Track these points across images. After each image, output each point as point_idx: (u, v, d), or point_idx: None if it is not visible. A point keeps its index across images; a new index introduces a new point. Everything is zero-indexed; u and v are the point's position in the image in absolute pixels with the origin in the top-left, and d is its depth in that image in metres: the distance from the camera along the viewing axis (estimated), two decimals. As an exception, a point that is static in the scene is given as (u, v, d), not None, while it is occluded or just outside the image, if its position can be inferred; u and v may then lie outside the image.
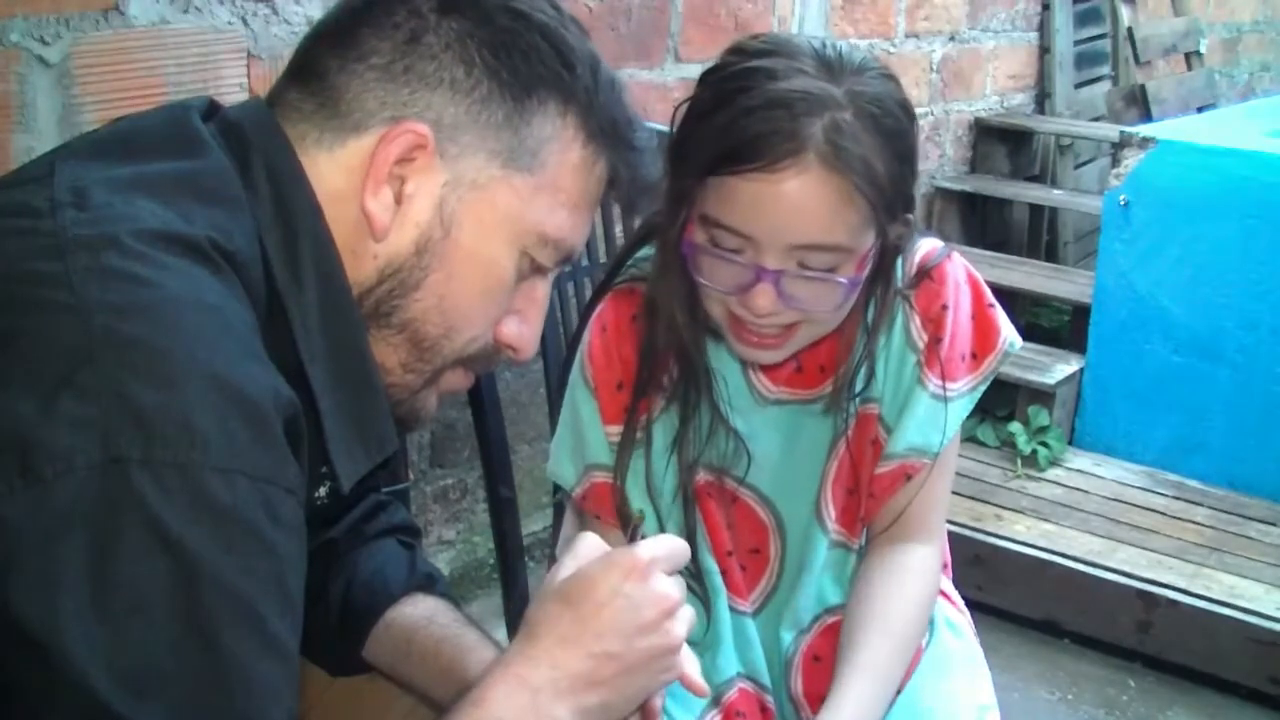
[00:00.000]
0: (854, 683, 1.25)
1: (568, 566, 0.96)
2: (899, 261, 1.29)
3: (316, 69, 0.94)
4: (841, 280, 1.18)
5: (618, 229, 1.87)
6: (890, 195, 1.16)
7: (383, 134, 0.91)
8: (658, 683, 0.95)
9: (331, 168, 0.92)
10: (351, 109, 0.92)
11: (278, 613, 0.76)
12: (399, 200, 0.92)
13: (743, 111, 1.14)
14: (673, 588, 0.94)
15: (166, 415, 0.72)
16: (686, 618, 0.95)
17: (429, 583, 1.23)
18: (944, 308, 1.29)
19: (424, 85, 0.92)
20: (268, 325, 0.86)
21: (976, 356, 1.31)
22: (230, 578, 0.73)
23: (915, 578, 1.32)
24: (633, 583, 0.91)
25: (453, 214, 0.93)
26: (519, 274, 0.98)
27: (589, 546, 0.98)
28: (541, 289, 1.02)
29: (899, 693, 1.30)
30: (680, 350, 1.29)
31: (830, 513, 1.34)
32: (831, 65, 1.15)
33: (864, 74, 1.16)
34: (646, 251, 1.32)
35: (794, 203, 1.13)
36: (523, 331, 1.01)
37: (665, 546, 0.96)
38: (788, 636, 1.37)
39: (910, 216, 1.23)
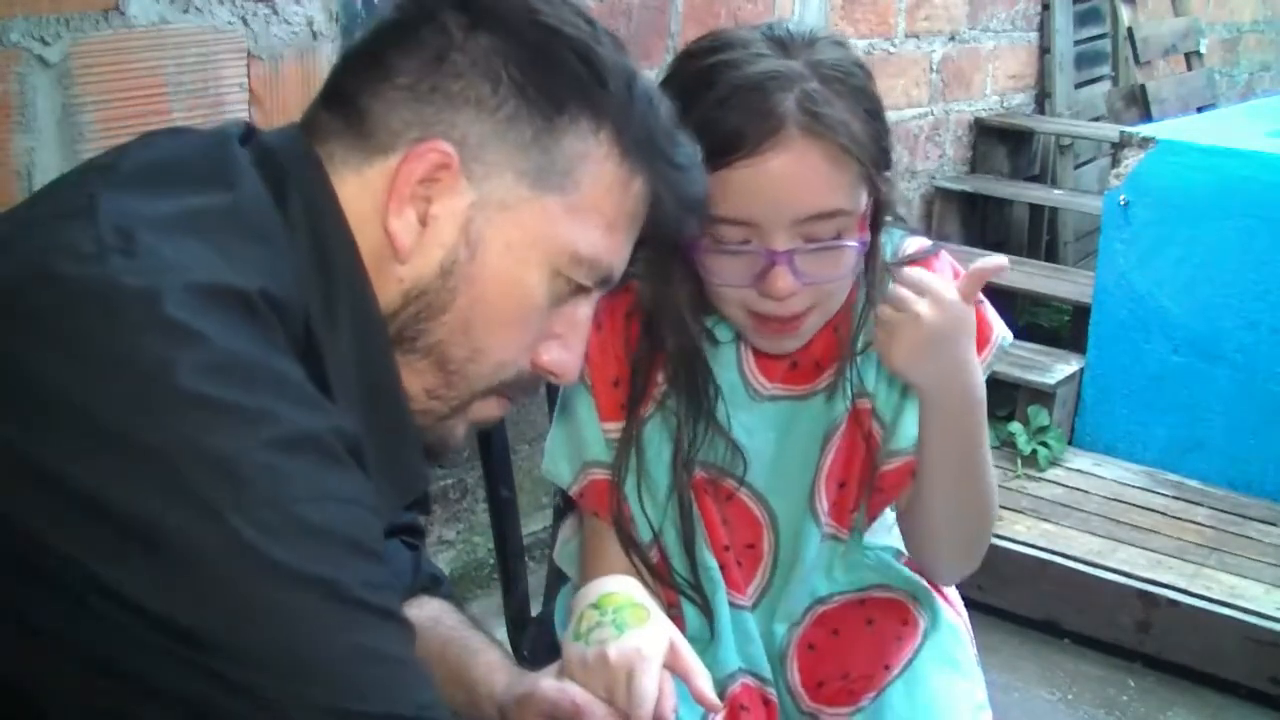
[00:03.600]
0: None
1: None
2: (884, 240, 1.30)
3: (345, 90, 0.93)
4: (851, 243, 1.19)
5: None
6: (874, 150, 1.19)
7: (407, 153, 0.89)
8: None
9: (358, 188, 0.90)
10: (377, 129, 0.90)
11: (395, 612, 0.79)
12: (423, 221, 0.90)
13: (714, 105, 1.15)
14: None
15: (247, 461, 0.73)
16: None
17: (434, 584, 1.22)
18: None
19: (449, 104, 0.90)
20: (306, 369, 0.84)
21: None
22: (355, 590, 0.76)
23: None
24: None
25: (480, 235, 0.91)
26: (554, 297, 0.95)
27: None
28: (583, 311, 0.98)
29: (900, 675, 1.31)
30: (685, 352, 1.29)
31: (823, 506, 1.35)
32: (784, 43, 1.18)
33: (816, 44, 1.19)
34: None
35: (786, 178, 1.15)
36: (564, 357, 0.98)
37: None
38: (780, 629, 1.38)
39: (888, 174, 1.25)
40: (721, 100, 1.15)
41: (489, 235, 0.91)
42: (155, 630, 0.70)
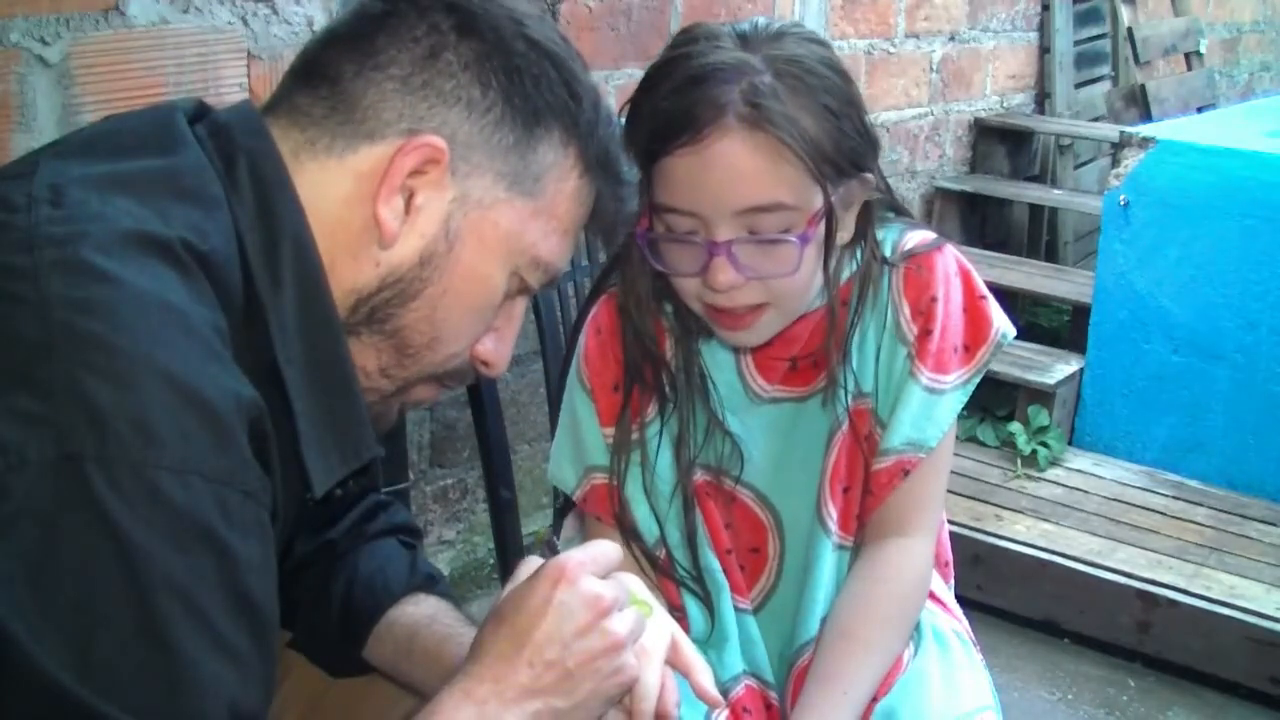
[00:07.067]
0: (814, 695, 1.26)
1: (507, 588, 0.98)
2: (879, 233, 1.29)
3: (329, 72, 0.95)
4: (791, 238, 1.18)
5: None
6: (829, 150, 1.17)
7: (400, 144, 0.92)
8: (611, 685, 0.94)
9: (340, 172, 0.93)
10: (366, 116, 0.93)
11: (227, 613, 0.76)
12: (408, 210, 0.94)
13: (666, 93, 1.17)
14: (605, 588, 0.94)
15: (122, 413, 0.73)
16: (628, 617, 0.95)
17: (430, 583, 1.23)
18: (933, 300, 1.29)
19: (441, 101, 0.94)
20: (244, 327, 0.87)
21: (969, 349, 1.31)
22: (179, 577, 0.74)
23: (893, 579, 1.31)
24: (562, 589, 0.92)
25: (457, 230, 0.95)
26: (507, 294, 1.00)
27: (526, 568, 0.99)
28: (520, 308, 1.04)
29: (876, 701, 1.29)
30: (646, 352, 1.30)
31: (832, 514, 1.34)
32: (748, 37, 1.19)
33: (782, 39, 1.19)
34: None
35: (724, 168, 1.15)
36: (498, 349, 1.04)
37: (591, 551, 0.97)
38: (799, 638, 1.36)
39: (868, 176, 1.24)
40: (674, 89, 1.17)
41: (465, 230, 0.95)
42: None
